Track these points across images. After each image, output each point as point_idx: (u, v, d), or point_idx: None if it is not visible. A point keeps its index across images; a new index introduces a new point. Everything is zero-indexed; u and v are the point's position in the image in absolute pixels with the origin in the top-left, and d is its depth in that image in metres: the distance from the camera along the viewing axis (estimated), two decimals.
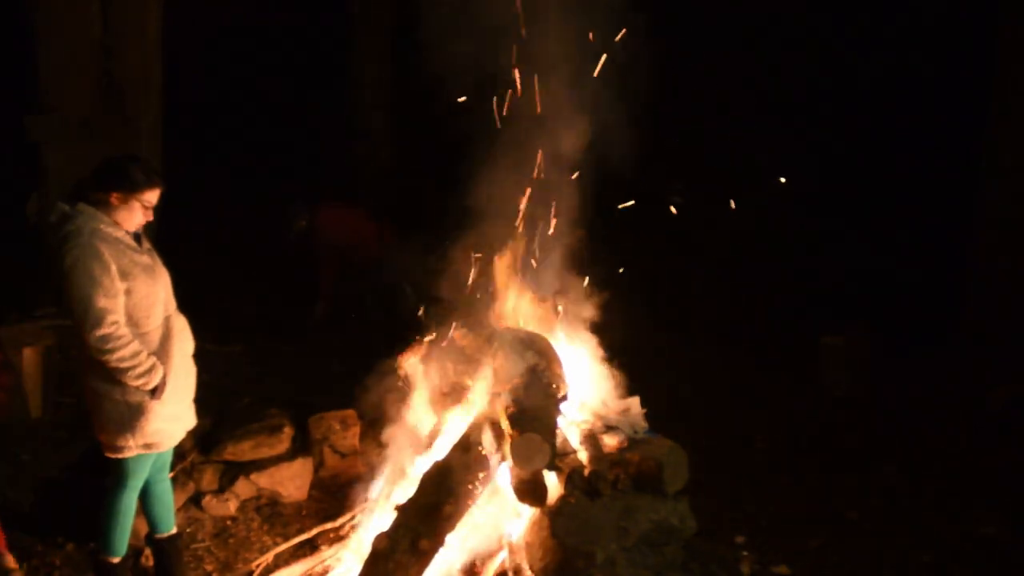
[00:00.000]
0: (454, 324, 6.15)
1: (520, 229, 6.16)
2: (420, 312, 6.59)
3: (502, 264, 6.15)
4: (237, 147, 15.63)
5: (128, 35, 9.82)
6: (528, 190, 6.12)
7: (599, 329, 6.20)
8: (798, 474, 7.55)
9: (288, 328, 10.74)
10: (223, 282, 11.62)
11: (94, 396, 5.07)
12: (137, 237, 5.14)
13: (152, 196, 5.06)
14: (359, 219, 10.63)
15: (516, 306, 6.17)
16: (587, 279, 6.37)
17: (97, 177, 5.03)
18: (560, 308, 6.20)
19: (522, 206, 6.15)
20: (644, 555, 5.19)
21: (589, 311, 6.23)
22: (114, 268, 4.87)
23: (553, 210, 6.19)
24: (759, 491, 7.20)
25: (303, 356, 9.81)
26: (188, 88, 12.42)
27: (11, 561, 6.04)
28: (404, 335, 6.61)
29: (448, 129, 6.16)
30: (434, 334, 6.30)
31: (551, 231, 6.23)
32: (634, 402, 5.79)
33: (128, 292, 4.95)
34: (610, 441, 5.49)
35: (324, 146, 15.21)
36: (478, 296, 6.16)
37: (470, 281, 6.18)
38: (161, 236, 5.36)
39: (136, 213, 5.04)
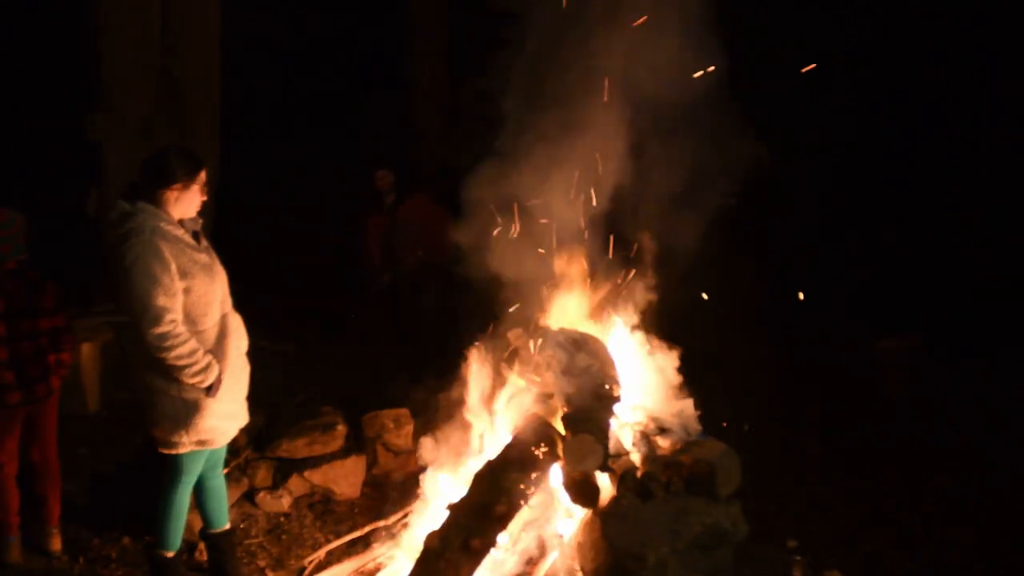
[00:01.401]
0: (508, 324, 6.15)
1: (580, 230, 6.15)
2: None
3: (559, 264, 6.14)
4: (293, 145, 15.70)
5: (188, 35, 9.93)
6: (588, 191, 6.11)
7: (654, 331, 6.18)
8: (852, 478, 7.49)
9: (339, 327, 10.79)
10: (277, 280, 11.68)
11: (150, 392, 5.11)
12: (196, 235, 5.18)
13: (197, 181, 5.13)
14: (441, 212, 10.39)
15: (571, 307, 6.17)
16: (642, 279, 6.37)
17: (149, 176, 5.07)
18: (614, 309, 6.19)
19: (582, 208, 6.14)
20: (695, 558, 5.16)
21: (643, 312, 6.22)
22: (174, 266, 4.91)
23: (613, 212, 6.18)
24: (812, 495, 7.16)
25: (356, 354, 9.84)
26: (246, 87, 12.47)
27: (57, 543, 6.13)
28: (455, 334, 6.63)
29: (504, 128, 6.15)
30: (488, 332, 6.30)
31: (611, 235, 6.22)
32: (687, 404, 5.76)
33: (187, 290, 4.99)
34: (663, 443, 5.47)
35: (381, 145, 15.21)
36: (533, 296, 6.16)
37: (526, 281, 6.17)
38: (217, 233, 5.40)
39: (189, 200, 5.11)
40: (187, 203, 5.10)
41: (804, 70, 6.78)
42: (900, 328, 9.90)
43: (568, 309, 6.16)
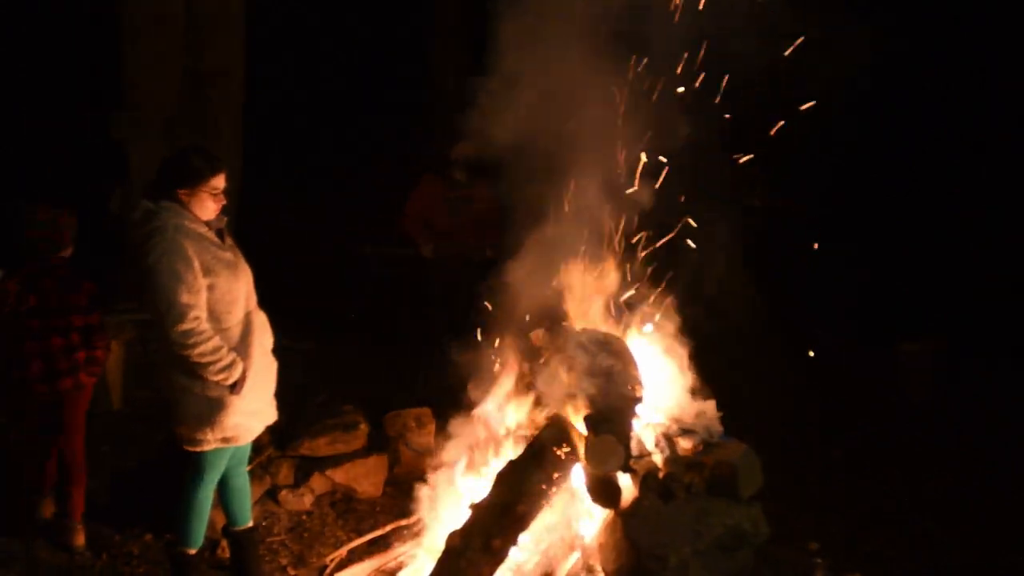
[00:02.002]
0: (531, 324, 6.15)
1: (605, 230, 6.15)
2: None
3: (581, 264, 6.14)
4: (316, 145, 15.72)
5: (211, 33, 9.95)
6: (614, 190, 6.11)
7: (675, 333, 6.18)
8: (875, 481, 7.47)
9: (360, 326, 10.81)
10: (299, 279, 11.70)
11: (174, 390, 5.13)
12: (220, 233, 5.20)
13: (217, 182, 5.13)
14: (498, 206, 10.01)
15: (593, 307, 6.17)
16: (664, 281, 6.37)
17: (160, 177, 5.12)
18: (635, 311, 6.19)
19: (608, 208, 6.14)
20: (717, 560, 5.16)
21: (665, 314, 6.21)
22: (197, 264, 4.93)
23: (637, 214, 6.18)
24: (834, 498, 7.13)
25: (376, 354, 9.85)
26: (270, 86, 12.49)
27: (80, 539, 6.17)
28: (473, 333, 6.63)
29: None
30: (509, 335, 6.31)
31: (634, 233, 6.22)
32: (709, 406, 5.75)
33: (210, 288, 5.01)
34: (685, 444, 5.47)
35: (406, 146, 15.19)
36: (555, 296, 6.16)
37: (547, 281, 6.17)
38: (240, 231, 5.43)
39: (207, 203, 5.12)
40: (206, 203, 5.12)
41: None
42: (924, 331, 9.86)
43: (590, 310, 6.16)
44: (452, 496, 6.16)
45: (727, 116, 6.23)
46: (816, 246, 8.18)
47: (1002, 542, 6.56)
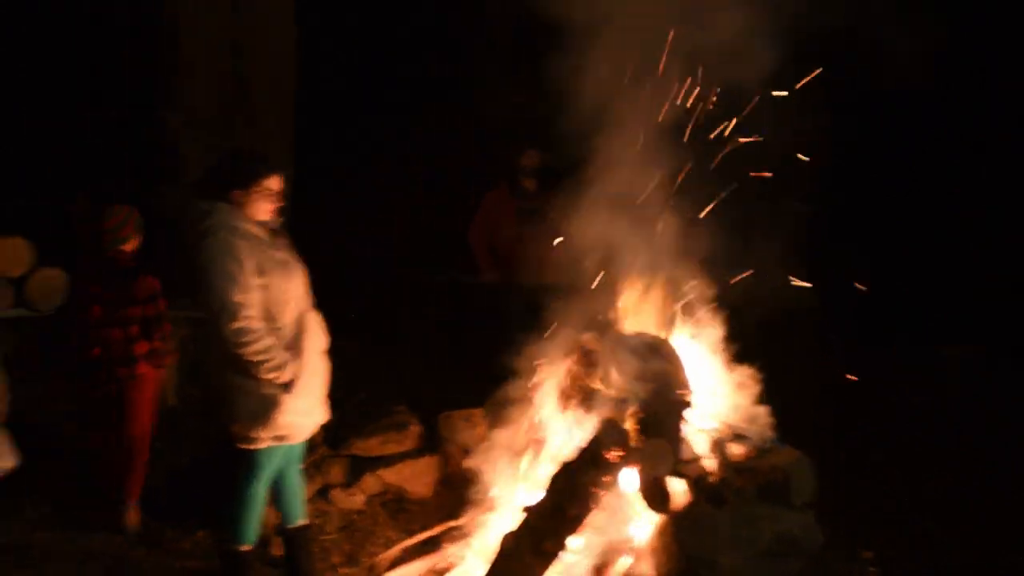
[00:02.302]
0: (582, 327, 6.15)
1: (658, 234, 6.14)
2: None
3: (635, 268, 6.13)
4: (365, 146, 15.76)
5: (259, 35, 10.03)
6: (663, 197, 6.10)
7: (726, 337, 6.16)
8: (927, 490, 7.40)
9: (409, 327, 10.85)
10: (348, 279, 11.74)
11: (228, 388, 5.18)
12: (274, 234, 5.25)
13: (270, 183, 5.19)
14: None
15: (646, 310, 6.16)
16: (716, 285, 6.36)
17: (215, 177, 5.19)
18: (689, 314, 6.18)
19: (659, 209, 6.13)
20: (767, 566, 5.14)
21: (717, 319, 6.20)
22: (250, 264, 4.99)
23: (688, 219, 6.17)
24: (887, 506, 7.08)
25: (427, 354, 9.88)
26: (318, 88, 12.54)
27: (133, 518, 6.32)
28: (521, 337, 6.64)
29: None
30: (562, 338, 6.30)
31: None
32: (762, 411, 5.74)
33: (263, 287, 5.06)
34: (737, 449, 5.45)
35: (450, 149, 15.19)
36: (608, 300, 6.15)
37: (597, 284, 6.17)
38: (293, 233, 5.47)
39: (261, 204, 5.18)
40: (259, 204, 5.18)
41: None
42: (964, 336, 9.78)
43: (643, 313, 6.15)
44: (504, 498, 6.18)
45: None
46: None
47: (1002, 542, 6.55)
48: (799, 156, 6.55)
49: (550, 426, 6.26)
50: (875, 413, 8.90)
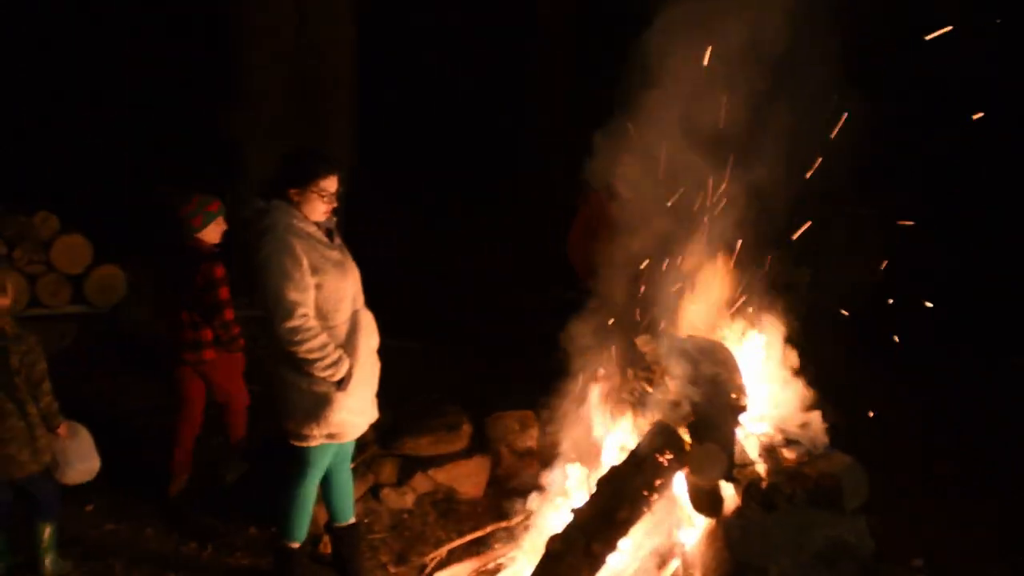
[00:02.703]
0: (637, 331, 6.14)
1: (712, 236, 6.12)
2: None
3: (689, 270, 6.12)
4: (426, 148, 15.83)
5: (323, 39, 10.11)
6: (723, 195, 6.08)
7: (783, 342, 6.13)
8: (984, 499, 7.31)
9: (466, 327, 10.86)
10: (406, 279, 11.80)
11: (283, 386, 5.23)
12: (329, 233, 5.29)
13: (327, 184, 5.19)
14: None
15: (701, 315, 6.14)
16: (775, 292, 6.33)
17: (274, 174, 5.23)
18: (744, 317, 6.16)
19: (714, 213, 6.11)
20: (818, 572, 5.10)
21: (775, 323, 6.17)
22: (305, 263, 5.02)
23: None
24: (941, 514, 6.99)
25: (481, 355, 9.89)
26: (379, 92, 12.62)
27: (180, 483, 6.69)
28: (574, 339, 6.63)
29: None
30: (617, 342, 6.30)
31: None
32: (815, 416, 5.69)
33: (318, 286, 5.09)
34: (789, 455, 5.41)
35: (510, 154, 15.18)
36: (662, 303, 6.14)
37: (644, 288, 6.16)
38: (350, 231, 5.52)
39: (317, 204, 5.19)
40: (315, 204, 5.20)
41: None
42: None
43: (697, 316, 6.13)
44: (554, 500, 6.19)
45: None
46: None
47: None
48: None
49: (601, 428, 6.26)
50: (937, 421, 8.82)
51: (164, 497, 6.70)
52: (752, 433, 5.53)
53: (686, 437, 5.23)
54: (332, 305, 5.18)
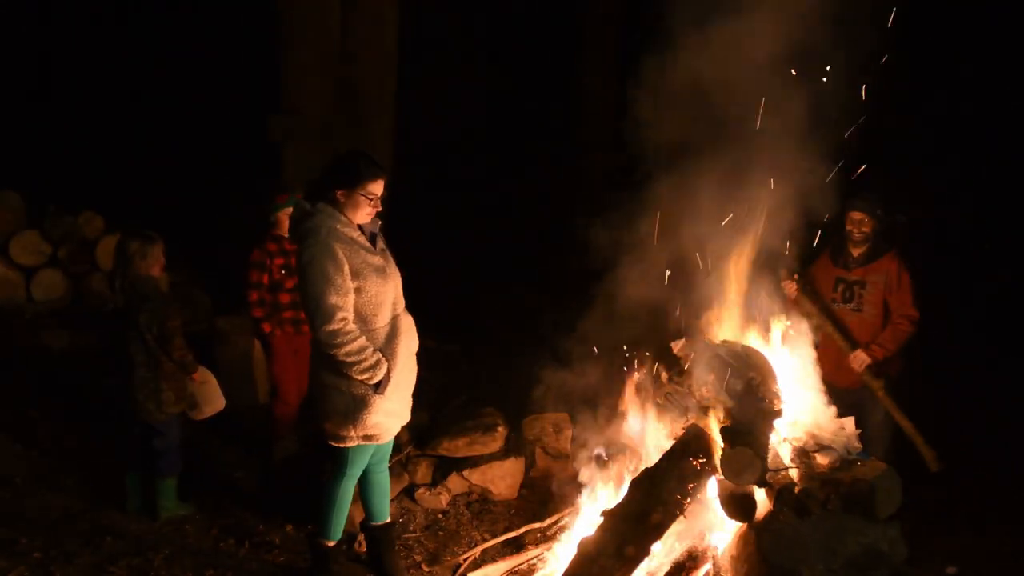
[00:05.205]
0: (672, 335, 6.16)
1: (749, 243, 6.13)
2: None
3: (729, 275, 6.14)
4: (463, 152, 15.81)
5: (365, 44, 10.16)
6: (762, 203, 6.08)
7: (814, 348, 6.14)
8: (1021, 508, 7.25)
9: (501, 328, 10.87)
10: (447, 282, 11.80)
11: (321, 387, 5.27)
12: (373, 237, 5.31)
13: (375, 188, 5.20)
14: None
15: (736, 320, 6.15)
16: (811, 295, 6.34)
17: (322, 175, 5.25)
18: (780, 322, 6.17)
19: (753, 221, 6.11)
20: None
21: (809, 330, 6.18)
22: (347, 267, 5.04)
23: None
24: (975, 522, 6.95)
25: (518, 357, 9.90)
26: (418, 97, 12.63)
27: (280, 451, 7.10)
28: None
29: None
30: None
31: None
32: (848, 422, 5.70)
33: (359, 290, 5.11)
34: (822, 460, 5.41)
35: (550, 154, 15.14)
36: (699, 308, 6.16)
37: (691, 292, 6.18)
38: (392, 236, 5.54)
39: (362, 207, 5.19)
40: (360, 207, 5.21)
41: None
42: None
43: (732, 321, 6.15)
44: (587, 502, 6.22)
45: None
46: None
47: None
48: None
49: (636, 431, 6.28)
50: (983, 427, 8.75)
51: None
52: (786, 438, 5.54)
53: (720, 441, 5.24)
54: (372, 309, 5.20)
